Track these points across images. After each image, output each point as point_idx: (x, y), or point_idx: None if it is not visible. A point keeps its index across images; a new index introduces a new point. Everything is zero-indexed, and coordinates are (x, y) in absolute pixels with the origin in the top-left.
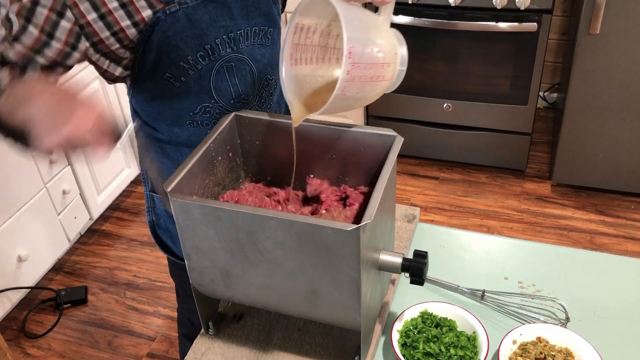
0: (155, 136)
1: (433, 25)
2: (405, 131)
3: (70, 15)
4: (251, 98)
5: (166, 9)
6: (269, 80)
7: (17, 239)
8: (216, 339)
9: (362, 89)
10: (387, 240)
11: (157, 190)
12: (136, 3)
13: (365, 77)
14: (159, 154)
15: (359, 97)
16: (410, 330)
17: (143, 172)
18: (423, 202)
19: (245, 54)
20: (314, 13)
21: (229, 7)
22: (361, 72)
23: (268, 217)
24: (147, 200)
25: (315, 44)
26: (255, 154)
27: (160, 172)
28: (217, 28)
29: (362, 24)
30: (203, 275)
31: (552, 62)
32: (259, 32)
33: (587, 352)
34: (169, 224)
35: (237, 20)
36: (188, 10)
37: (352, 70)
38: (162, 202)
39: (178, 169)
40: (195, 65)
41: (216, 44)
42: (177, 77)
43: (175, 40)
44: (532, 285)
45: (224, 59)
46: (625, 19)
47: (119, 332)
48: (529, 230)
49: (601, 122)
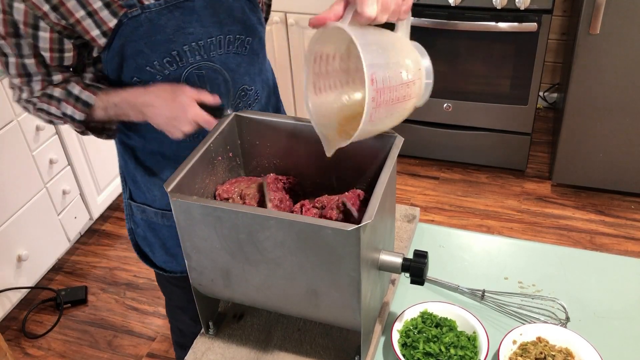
0: (127, 143)
1: (433, 25)
2: (405, 131)
3: (44, 24)
4: (225, 108)
5: (128, 12)
6: (247, 91)
7: (17, 239)
8: (216, 339)
9: (389, 111)
10: (387, 240)
11: None
12: (100, 13)
13: (391, 100)
14: (132, 161)
15: (388, 120)
16: (410, 330)
17: (122, 178)
18: (423, 202)
19: (218, 62)
20: (330, 40)
21: (198, 13)
22: (386, 96)
23: (268, 217)
24: (125, 208)
25: (336, 69)
26: (255, 154)
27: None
28: (185, 35)
29: (381, 46)
30: (203, 275)
31: (552, 62)
32: (234, 40)
33: (587, 352)
34: (147, 232)
35: (208, 27)
36: (151, 15)
37: (376, 96)
38: (140, 210)
39: (178, 169)
40: (163, 71)
41: (184, 51)
42: (144, 81)
43: (140, 44)
44: (532, 285)
45: (193, 66)
46: (625, 19)
47: (119, 332)
48: (529, 230)
49: (601, 122)
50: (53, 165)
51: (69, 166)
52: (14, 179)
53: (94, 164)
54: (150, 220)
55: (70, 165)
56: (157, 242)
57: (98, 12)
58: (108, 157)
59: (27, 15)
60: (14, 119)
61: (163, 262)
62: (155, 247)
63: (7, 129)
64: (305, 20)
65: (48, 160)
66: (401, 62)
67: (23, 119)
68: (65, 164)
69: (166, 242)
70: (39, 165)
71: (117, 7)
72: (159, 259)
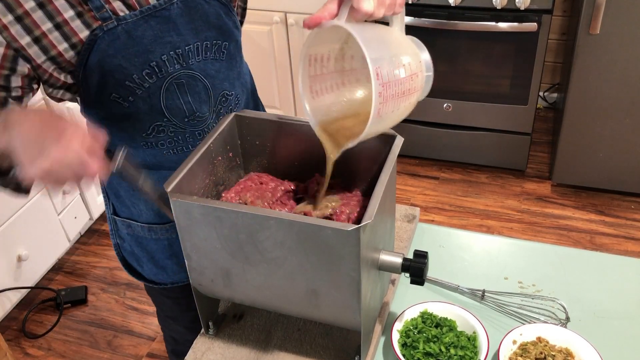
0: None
1: (433, 25)
2: (405, 131)
3: (1, 39)
4: (207, 115)
5: (104, 25)
6: (227, 96)
7: (17, 239)
8: (216, 339)
9: (396, 106)
10: (387, 240)
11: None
12: (71, 24)
13: (397, 94)
14: (116, 176)
15: (394, 115)
16: (410, 330)
17: (104, 194)
18: (423, 202)
19: (197, 70)
20: (324, 41)
21: (174, 21)
22: (392, 90)
23: (268, 217)
24: (110, 224)
25: (331, 70)
26: (255, 154)
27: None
28: (163, 44)
29: (381, 41)
30: (203, 275)
31: (552, 62)
32: (211, 46)
33: (587, 352)
34: (134, 246)
35: (184, 35)
36: (128, 27)
37: (383, 91)
38: (125, 225)
39: (178, 169)
40: (142, 84)
41: (162, 61)
42: (124, 97)
43: (118, 59)
44: (532, 285)
45: (173, 76)
46: (625, 19)
47: (119, 332)
48: (529, 230)
49: (601, 122)
50: (66, 195)
51: None
52: None
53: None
54: (137, 234)
55: None
56: (145, 255)
57: (69, 22)
58: None
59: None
60: None
61: (152, 274)
62: (143, 261)
63: None
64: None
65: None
66: (402, 56)
67: None
68: None
69: (154, 255)
70: None
71: (91, 18)
72: (147, 272)
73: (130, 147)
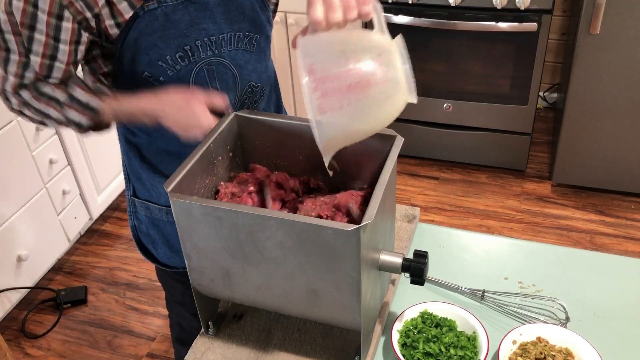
0: (132, 140)
1: (433, 25)
2: (405, 131)
3: (68, 14)
4: (232, 103)
5: (145, 6)
6: (254, 88)
7: (17, 239)
8: (216, 339)
9: (349, 99)
10: (387, 240)
11: None
12: (118, 5)
13: (342, 87)
14: (137, 158)
15: (358, 113)
16: (410, 330)
17: (126, 176)
18: (423, 202)
19: (227, 58)
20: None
21: (211, 10)
22: (333, 84)
23: (268, 217)
24: (128, 205)
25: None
26: (255, 154)
27: None
28: (198, 30)
29: (327, 44)
30: (203, 275)
31: (552, 62)
32: (244, 37)
33: (587, 352)
34: (151, 229)
35: (220, 24)
36: (167, 10)
37: (319, 85)
38: (143, 206)
39: (178, 169)
40: (174, 66)
41: (196, 46)
42: (155, 76)
43: (154, 38)
44: (532, 285)
45: (204, 61)
46: (625, 19)
47: (119, 332)
48: (529, 231)
49: (601, 122)
50: (53, 165)
51: (69, 166)
52: (14, 179)
53: (94, 164)
54: (154, 217)
55: (70, 165)
56: (160, 238)
57: (116, 4)
58: (108, 157)
59: (52, 4)
60: (14, 119)
61: (166, 258)
62: (158, 244)
63: (7, 129)
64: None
65: (48, 160)
66: (356, 52)
67: (23, 119)
68: (65, 164)
69: (170, 238)
70: (39, 165)
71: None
72: (162, 255)
73: (154, 132)
